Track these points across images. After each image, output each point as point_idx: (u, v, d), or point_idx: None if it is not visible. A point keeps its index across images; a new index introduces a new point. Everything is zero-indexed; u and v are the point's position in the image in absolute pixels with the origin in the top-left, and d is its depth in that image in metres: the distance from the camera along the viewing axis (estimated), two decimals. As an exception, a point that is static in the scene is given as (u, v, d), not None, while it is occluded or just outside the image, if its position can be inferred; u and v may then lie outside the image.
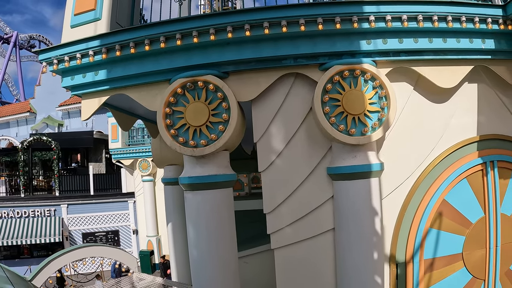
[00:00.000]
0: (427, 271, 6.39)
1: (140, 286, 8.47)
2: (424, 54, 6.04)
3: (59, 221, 24.93)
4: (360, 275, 5.91)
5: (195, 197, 6.11)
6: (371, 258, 5.93)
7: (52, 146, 26.51)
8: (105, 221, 26.48)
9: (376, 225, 5.94)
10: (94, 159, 31.26)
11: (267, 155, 6.24)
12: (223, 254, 6.19)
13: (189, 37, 5.82)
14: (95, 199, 26.44)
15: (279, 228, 6.28)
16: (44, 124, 36.31)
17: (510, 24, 6.08)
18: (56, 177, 26.78)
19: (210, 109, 5.89)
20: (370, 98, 5.82)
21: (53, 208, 25.45)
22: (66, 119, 36.37)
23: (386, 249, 6.27)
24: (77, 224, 25.84)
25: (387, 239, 6.27)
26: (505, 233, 6.67)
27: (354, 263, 5.92)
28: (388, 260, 6.30)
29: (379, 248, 5.99)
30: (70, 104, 35.29)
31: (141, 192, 25.00)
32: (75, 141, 29.78)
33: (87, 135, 30.01)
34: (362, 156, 5.86)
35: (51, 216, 25.26)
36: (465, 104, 6.52)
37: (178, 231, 10.54)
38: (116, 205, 26.73)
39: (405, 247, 6.27)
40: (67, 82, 6.65)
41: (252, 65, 6.02)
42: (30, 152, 27.29)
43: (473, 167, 6.50)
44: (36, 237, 23.75)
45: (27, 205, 25.17)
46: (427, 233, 6.34)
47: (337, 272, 6.17)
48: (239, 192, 12.93)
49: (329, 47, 5.88)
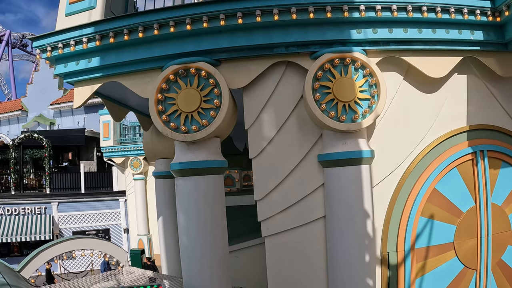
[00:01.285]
0: (418, 260, 6.44)
1: (129, 279, 8.43)
2: (414, 44, 6.14)
3: (50, 219, 24.78)
4: (351, 263, 5.95)
5: (185, 183, 6.14)
6: (362, 245, 5.97)
7: (44, 143, 26.37)
8: (96, 219, 26.35)
9: (367, 213, 5.98)
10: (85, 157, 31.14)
11: (258, 142, 6.30)
12: (214, 240, 6.19)
13: (182, 24, 5.89)
14: (86, 197, 26.30)
15: (269, 215, 6.33)
16: (36, 122, 36.09)
17: (498, 16, 6.18)
18: (47, 174, 26.64)
19: (202, 95, 5.94)
20: (360, 86, 5.90)
21: (44, 206, 25.29)
22: (57, 117, 36.16)
23: (377, 238, 6.32)
24: (67, 222, 25.70)
25: (378, 227, 6.32)
26: (496, 223, 6.76)
27: (345, 251, 5.96)
28: (380, 248, 6.35)
29: (370, 236, 6.02)
30: (62, 103, 35.10)
31: (132, 191, 24.89)
32: (67, 138, 29.60)
33: (78, 132, 29.84)
34: (353, 143, 5.92)
35: (41, 214, 25.10)
36: (455, 95, 6.63)
37: (169, 225, 10.51)
38: (107, 204, 26.59)
39: (396, 235, 6.33)
40: (60, 69, 6.68)
41: (244, 52, 6.09)
42: (21, 150, 27.15)
43: (463, 156, 6.59)
44: (26, 234, 23.60)
45: (17, 202, 24.99)
46: (418, 222, 6.40)
47: (328, 260, 6.20)
48: (230, 188, 12.91)
49: (320, 35, 5.97)
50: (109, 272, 10.70)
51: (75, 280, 8.04)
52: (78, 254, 24.17)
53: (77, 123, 34.16)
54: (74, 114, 35.20)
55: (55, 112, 36.23)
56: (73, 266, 24.65)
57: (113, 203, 26.70)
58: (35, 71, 38.22)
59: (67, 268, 23.78)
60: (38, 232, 23.88)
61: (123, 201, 26.44)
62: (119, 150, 24.74)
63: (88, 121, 33.53)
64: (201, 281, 6.14)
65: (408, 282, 6.35)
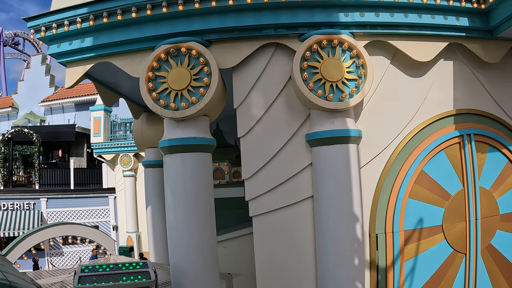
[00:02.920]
0: (407, 242, 6.53)
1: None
2: (400, 28, 6.29)
3: (38, 215, 24.59)
4: (339, 243, 6.01)
5: (174, 160, 6.20)
6: (350, 226, 6.04)
7: (34, 138, 26.23)
8: (85, 216, 26.18)
9: (355, 192, 6.07)
10: (75, 154, 30.93)
11: (247, 121, 6.40)
12: (201, 218, 6.21)
13: (174, 5, 6.00)
14: (76, 194, 26.15)
15: (257, 195, 6.41)
16: (26, 119, 35.92)
17: (483, 3, 6.34)
18: (36, 170, 26.50)
19: (192, 74, 6.03)
20: (347, 67, 6.02)
21: (33, 202, 25.09)
22: (48, 115, 35.96)
23: (366, 219, 6.40)
24: (56, 218, 25.50)
25: (366, 208, 6.41)
26: (484, 207, 6.88)
27: (333, 231, 6.02)
28: (368, 230, 6.44)
29: (358, 216, 6.09)
30: (53, 100, 34.98)
31: (122, 188, 24.88)
32: (57, 134, 29.34)
33: (69, 128, 29.61)
34: (340, 121, 6.03)
35: (30, 209, 24.90)
36: (441, 80, 6.78)
37: (157, 215, 10.53)
38: (97, 200, 26.44)
39: (385, 217, 6.42)
40: (53, 49, 6.75)
41: (235, 34, 6.20)
42: (11, 145, 26.91)
43: (450, 139, 6.73)
44: (14, 230, 23.38)
45: (6, 197, 24.76)
46: (406, 204, 6.50)
47: (316, 240, 6.27)
48: (220, 180, 12.96)
49: (309, 18, 6.10)
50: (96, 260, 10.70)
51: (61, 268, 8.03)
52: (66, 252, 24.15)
53: (67, 121, 34.00)
54: (65, 112, 35.08)
55: (46, 110, 36.05)
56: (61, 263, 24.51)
57: (102, 200, 26.55)
58: (27, 68, 38.10)
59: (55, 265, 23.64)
60: (26, 227, 23.66)
61: (113, 198, 26.33)
62: (109, 147, 24.74)
63: (79, 118, 33.35)
64: (188, 263, 6.16)
65: (397, 265, 6.43)
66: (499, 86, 7.14)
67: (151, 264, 5.58)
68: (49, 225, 9.84)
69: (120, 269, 5.41)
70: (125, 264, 5.54)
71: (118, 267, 5.44)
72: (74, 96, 33.65)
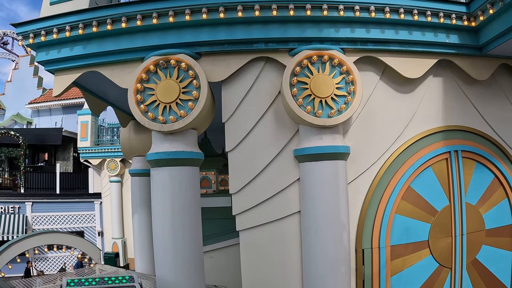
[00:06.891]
0: (393, 258, 6.53)
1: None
2: (391, 44, 6.30)
3: (23, 219, 24.32)
4: (325, 259, 5.98)
5: (161, 173, 6.13)
6: (336, 241, 6.02)
7: (20, 141, 25.99)
8: (70, 221, 25.95)
9: (342, 208, 6.05)
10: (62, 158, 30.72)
11: (235, 136, 6.36)
12: (188, 232, 6.15)
13: (165, 16, 5.98)
14: (61, 198, 25.91)
15: (244, 209, 6.37)
16: (13, 121, 35.56)
17: (473, 20, 6.39)
18: (22, 173, 26.23)
19: (181, 87, 5.98)
20: (337, 83, 6.00)
21: (17, 206, 24.83)
22: (35, 117, 35.68)
23: (352, 234, 6.40)
24: (41, 223, 25.28)
25: (353, 224, 6.40)
26: (470, 223, 6.92)
27: (319, 247, 5.99)
28: (355, 245, 6.43)
29: (345, 232, 6.08)
30: (40, 102, 34.70)
31: (108, 193, 24.67)
32: (44, 137, 29.10)
33: (56, 132, 29.39)
34: (329, 138, 6.01)
35: (15, 213, 24.61)
36: (430, 96, 6.81)
37: (144, 223, 10.45)
38: (82, 206, 26.19)
39: (371, 232, 6.42)
40: (42, 57, 6.68)
41: (225, 47, 6.17)
42: (-4, 147, 26.75)
43: (437, 156, 6.77)
44: (-2, 234, 23.19)
45: (-10, 201, 24.55)
46: (393, 219, 6.52)
47: (302, 256, 6.25)
48: (207, 190, 12.91)
49: (299, 33, 6.09)
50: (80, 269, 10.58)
51: (47, 275, 7.94)
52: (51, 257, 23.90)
53: (54, 123, 33.75)
54: (52, 114, 34.80)
55: (33, 112, 35.75)
56: (46, 268, 24.25)
57: (88, 205, 26.30)
58: (15, 69, 37.78)
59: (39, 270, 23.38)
60: (10, 231, 23.41)
61: (99, 204, 26.11)
62: (96, 152, 24.54)
63: (66, 121, 33.11)
64: (174, 277, 6.09)
65: (383, 279, 6.44)
66: (487, 103, 7.20)
67: (137, 278, 5.52)
68: (35, 234, 9.72)
69: (106, 282, 5.36)
70: (111, 278, 5.48)
71: (104, 280, 5.39)
72: (61, 99, 33.35)
